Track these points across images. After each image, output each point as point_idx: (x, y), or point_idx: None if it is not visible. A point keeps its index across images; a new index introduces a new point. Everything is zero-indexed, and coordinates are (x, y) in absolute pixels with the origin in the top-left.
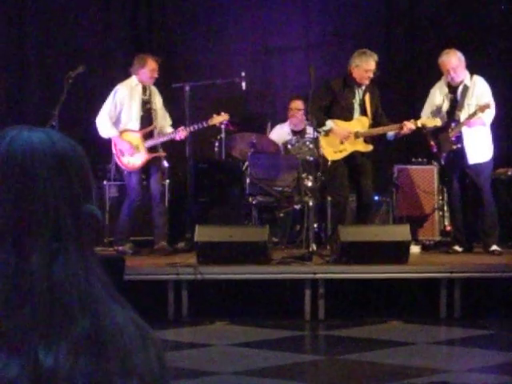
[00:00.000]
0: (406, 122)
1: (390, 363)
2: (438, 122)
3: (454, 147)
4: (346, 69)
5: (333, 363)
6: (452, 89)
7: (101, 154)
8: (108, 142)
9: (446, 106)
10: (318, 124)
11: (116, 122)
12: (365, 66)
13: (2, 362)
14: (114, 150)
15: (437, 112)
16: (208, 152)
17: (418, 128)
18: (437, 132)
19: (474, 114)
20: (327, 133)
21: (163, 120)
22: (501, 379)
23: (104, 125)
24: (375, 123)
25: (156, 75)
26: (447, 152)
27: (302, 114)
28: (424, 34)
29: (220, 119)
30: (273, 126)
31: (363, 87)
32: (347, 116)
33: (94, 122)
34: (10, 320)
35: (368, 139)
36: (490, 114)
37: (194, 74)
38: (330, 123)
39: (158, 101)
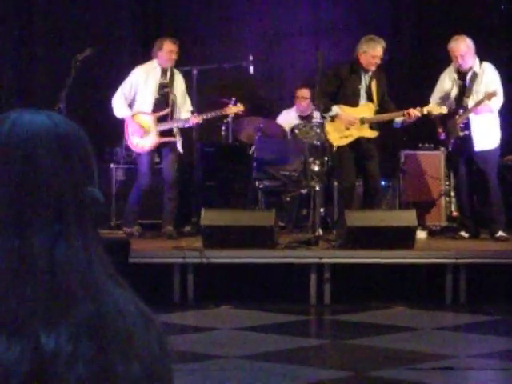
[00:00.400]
0: (411, 110)
1: (395, 348)
2: (443, 110)
3: (461, 134)
4: (354, 55)
5: (338, 348)
6: (461, 75)
7: (108, 137)
8: (117, 124)
9: (454, 92)
10: (324, 109)
11: (131, 104)
12: (372, 52)
13: (3, 346)
14: (125, 131)
15: (445, 98)
16: (215, 136)
17: (423, 115)
18: (445, 118)
19: (481, 101)
20: (333, 118)
21: (182, 105)
22: (505, 365)
23: (118, 105)
24: (381, 109)
25: (174, 57)
26: (454, 138)
27: (308, 102)
28: (432, 19)
29: (235, 110)
30: (280, 111)
31: (370, 73)
32: (353, 102)
33: (102, 105)
34: (12, 303)
35: (374, 125)
36: (497, 102)
37: (201, 58)
38: (335, 109)
39: (179, 86)
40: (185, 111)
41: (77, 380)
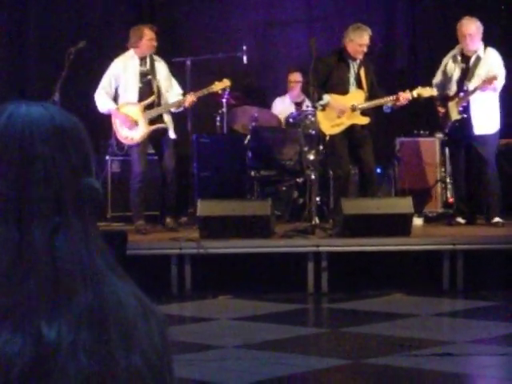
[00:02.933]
0: (401, 93)
1: (393, 335)
2: (433, 92)
3: (460, 117)
4: (341, 43)
5: (336, 336)
6: (465, 58)
7: (103, 128)
8: (109, 117)
9: (456, 75)
10: (314, 99)
11: (116, 97)
12: (358, 40)
13: (5, 338)
14: (113, 125)
15: (448, 80)
16: (210, 126)
17: (414, 98)
18: (446, 100)
19: (482, 84)
20: (324, 107)
21: (169, 90)
22: (504, 350)
23: (100, 99)
24: (371, 96)
25: (155, 43)
26: (452, 121)
27: (300, 86)
28: (426, 7)
29: (221, 86)
30: (273, 99)
31: (358, 61)
32: (343, 90)
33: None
34: (14, 295)
35: (366, 111)
36: (499, 82)
37: (195, 48)
38: (326, 97)
39: (161, 71)
40: (174, 95)
41: (78, 370)
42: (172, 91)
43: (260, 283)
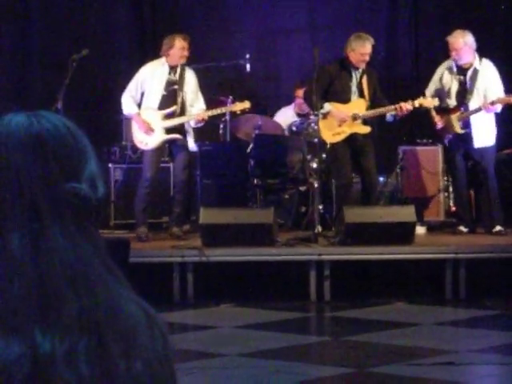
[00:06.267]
0: (402, 103)
1: (396, 344)
2: (435, 102)
3: (462, 131)
4: (343, 52)
5: (338, 344)
6: (461, 70)
7: (106, 136)
8: (115, 124)
9: (455, 88)
10: (316, 107)
11: (141, 101)
12: (361, 49)
13: (2, 345)
14: (132, 128)
15: (445, 93)
16: (213, 134)
17: (415, 108)
18: (444, 111)
19: (493, 102)
20: (325, 116)
21: (194, 103)
22: (506, 360)
23: (124, 102)
24: (373, 105)
25: (186, 53)
26: (453, 135)
27: None
28: (430, 17)
29: (241, 107)
30: (276, 109)
31: (360, 70)
32: (345, 99)
33: (99, 105)
34: (2, 303)
35: (367, 121)
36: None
37: (199, 57)
38: (327, 106)
39: (190, 84)
40: (197, 109)
41: (79, 379)
42: (196, 105)
43: (262, 291)
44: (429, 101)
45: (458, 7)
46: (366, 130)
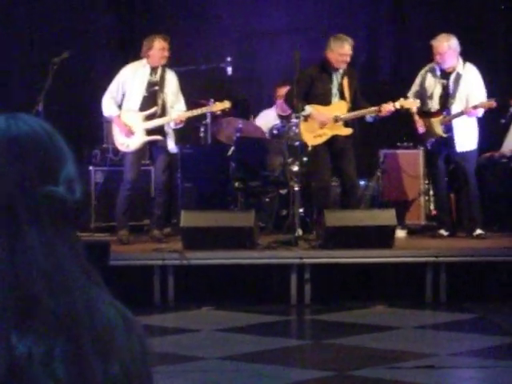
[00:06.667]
0: (384, 105)
1: (376, 347)
2: (416, 104)
3: (444, 135)
4: (323, 54)
5: (319, 347)
6: (444, 74)
7: (86, 139)
8: (96, 126)
9: (437, 92)
10: (297, 110)
11: (121, 103)
12: (339, 50)
13: None
14: (113, 130)
15: (427, 96)
16: (194, 137)
17: (397, 110)
18: (426, 115)
19: (476, 107)
20: (306, 118)
21: (174, 104)
22: (486, 363)
23: (105, 104)
24: (354, 107)
25: (166, 54)
26: (435, 138)
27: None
28: (409, 17)
29: (221, 106)
30: (257, 112)
31: (340, 71)
32: (326, 101)
33: (80, 108)
34: None
35: (348, 122)
36: (482, 106)
37: (179, 59)
38: (308, 108)
39: (171, 85)
40: (177, 110)
41: (55, 382)
42: (176, 107)
43: (243, 294)
44: (409, 102)
45: (438, 9)
46: (348, 131)
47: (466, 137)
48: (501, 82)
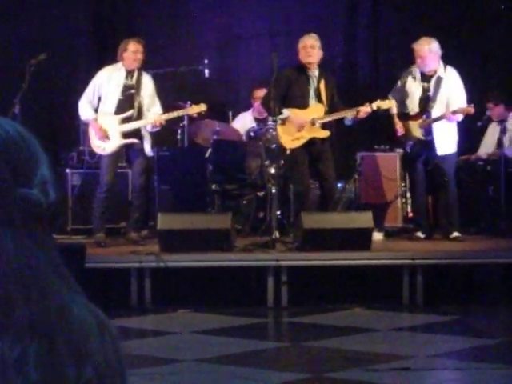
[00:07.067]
0: (360, 107)
1: (353, 349)
2: (392, 104)
3: (424, 138)
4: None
5: (296, 350)
6: (425, 77)
7: (63, 141)
8: (73, 129)
9: (418, 95)
10: (275, 113)
11: (98, 106)
12: (301, 44)
13: None
14: (89, 133)
15: (408, 99)
16: (171, 139)
17: (373, 111)
18: (406, 117)
19: (456, 112)
20: (284, 121)
21: (150, 108)
22: (463, 365)
23: (81, 107)
24: (331, 110)
25: (140, 56)
26: (414, 141)
27: None
28: (387, 21)
29: (197, 109)
30: (234, 115)
31: (317, 74)
32: (303, 104)
33: (57, 110)
34: None
35: (326, 125)
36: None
37: (157, 62)
38: (286, 112)
39: (147, 88)
40: (153, 114)
41: None
42: (153, 110)
43: (220, 297)
44: (386, 102)
45: (416, 13)
46: (325, 134)
47: (446, 140)
48: (477, 86)
